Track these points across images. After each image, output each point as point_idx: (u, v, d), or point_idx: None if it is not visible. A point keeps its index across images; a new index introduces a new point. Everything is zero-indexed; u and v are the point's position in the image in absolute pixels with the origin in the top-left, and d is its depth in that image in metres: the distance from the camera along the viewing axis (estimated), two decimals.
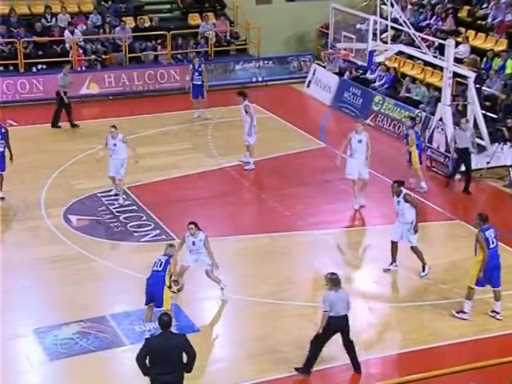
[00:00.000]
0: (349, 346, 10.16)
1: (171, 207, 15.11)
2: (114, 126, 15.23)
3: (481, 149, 17.23)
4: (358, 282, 12.89)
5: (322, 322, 9.90)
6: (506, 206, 15.45)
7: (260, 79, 23.66)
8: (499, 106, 18.20)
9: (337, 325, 9.95)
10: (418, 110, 19.23)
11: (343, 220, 14.90)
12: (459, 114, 17.74)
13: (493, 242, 11.36)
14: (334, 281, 9.95)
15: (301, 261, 13.55)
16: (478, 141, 17.21)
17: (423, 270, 12.71)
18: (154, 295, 10.77)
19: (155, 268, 10.82)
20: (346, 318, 10.00)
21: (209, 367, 10.24)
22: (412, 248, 12.68)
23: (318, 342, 10.03)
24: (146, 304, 10.90)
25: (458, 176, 16.99)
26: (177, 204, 15.29)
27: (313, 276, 13.09)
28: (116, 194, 15.30)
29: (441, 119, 17.13)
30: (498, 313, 11.55)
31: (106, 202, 15.28)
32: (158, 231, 14.17)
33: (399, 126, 19.52)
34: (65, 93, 19.34)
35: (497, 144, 16.95)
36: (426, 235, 14.28)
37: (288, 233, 14.40)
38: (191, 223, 11.69)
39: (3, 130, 15.00)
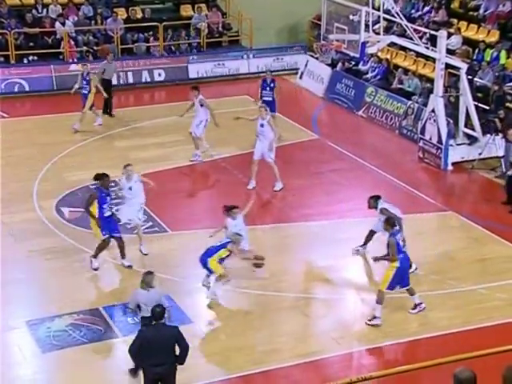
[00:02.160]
0: None
1: (163, 199, 15.11)
2: (129, 164, 12.98)
3: (473, 140, 17.31)
4: (350, 273, 12.95)
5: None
6: (497, 196, 15.51)
7: (250, 56, 23.60)
8: (491, 97, 18.25)
9: (146, 325, 9.64)
10: (410, 102, 19.30)
11: (336, 211, 14.94)
12: (451, 105, 17.81)
13: (403, 246, 11.20)
14: (144, 279, 9.73)
15: (293, 252, 13.59)
16: (470, 132, 17.30)
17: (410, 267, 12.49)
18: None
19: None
20: None
21: (202, 359, 10.29)
22: None
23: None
24: None
25: (450, 167, 17.08)
26: (169, 196, 15.31)
27: (305, 268, 13.16)
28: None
29: (433, 110, 17.18)
30: (417, 304, 11.36)
31: None
32: (150, 223, 14.19)
33: (392, 118, 19.59)
34: (103, 80, 19.11)
35: (489, 135, 17.03)
36: (418, 226, 14.35)
37: (281, 224, 14.45)
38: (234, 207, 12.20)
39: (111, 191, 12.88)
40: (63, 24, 22.44)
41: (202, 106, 16.86)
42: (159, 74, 22.58)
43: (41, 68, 21.47)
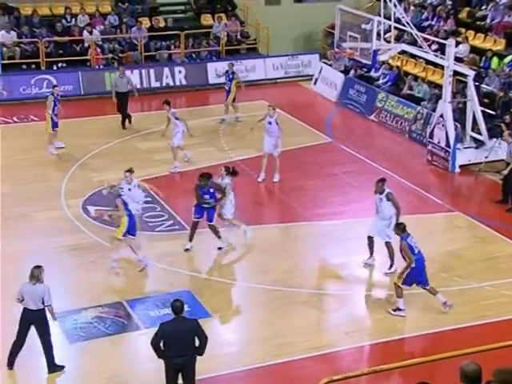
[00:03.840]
0: (42, 343, 9.79)
1: (184, 199, 15.10)
2: (129, 171, 13.22)
3: (480, 144, 17.18)
4: (361, 270, 12.87)
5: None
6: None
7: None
8: (497, 103, 18.11)
9: (27, 317, 9.65)
10: (419, 107, 19.19)
11: (348, 211, 14.88)
12: (459, 110, 17.69)
13: (416, 247, 10.97)
14: (31, 273, 9.60)
15: (307, 250, 13.55)
16: (477, 136, 17.17)
17: (390, 267, 12.32)
18: None
19: None
20: (36, 313, 9.57)
21: (219, 351, 10.26)
22: (387, 243, 12.33)
23: (18, 333, 9.76)
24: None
25: (457, 170, 16.96)
26: (189, 196, 15.22)
27: (318, 265, 13.11)
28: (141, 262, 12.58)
29: (441, 115, 17.08)
30: (445, 302, 11.15)
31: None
32: (171, 221, 14.20)
33: (402, 122, 19.48)
34: (117, 93, 18.89)
35: (495, 139, 16.89)
36: (427, 226, 14.29)
37: (295, 223, 14.39)
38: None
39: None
40: (90, 33, 22.54)
41: (176, 118, 16.62)
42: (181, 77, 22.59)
43: (68, 74, 21.55)
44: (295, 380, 9.96)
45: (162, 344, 8.60)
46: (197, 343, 8.64)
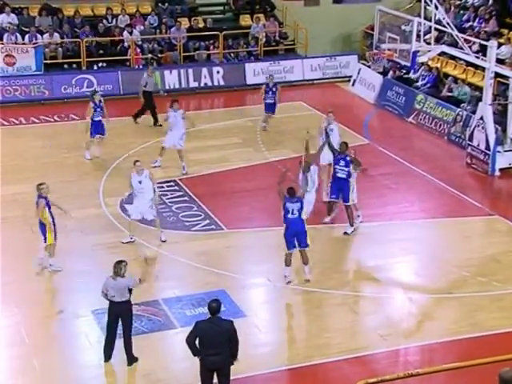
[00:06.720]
0: (125, 336, 9.95)
1: (221, 198, 15.17)
2: (138, 161, 13.27)
3: None
4: (398, 273, 12.77)
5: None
6: None
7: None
8: None
9: (113, 310, 9.84)
10: (459, 109, 18.96)
11: (385, 213, 14.77)
12: (499, 112, 17.43)
13: (293, 213, 11.73)
14: (113, 269, 9.84)
15: (344, 252, 13.48)
16: None
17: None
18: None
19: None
20: (122, 305, 9.82)
21: (254, 351, 10.26)
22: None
23: (108, 327, 9.96)
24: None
25: (497, 173, 16.71)
26: (226, 195, 15.35)
27: (356, 267, 13.04)
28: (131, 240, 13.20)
29: (482, 118, 16.85)
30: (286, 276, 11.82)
31: (160, 193, 15.40)
32: (207, 221, 14.24)
33: (441, 124, 19.26)
34: (145, 92, 19.09)
35: None
36: (465, 230, 14.12)
37: (332, 225, 14.32)
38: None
39: None
40: (130, 33, 22.75)
41: (183, 118, 16.53)
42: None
43: (108, 74, 21.77)
44: (330, 382, 9.91)
45: (197, 342, 8.63)
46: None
